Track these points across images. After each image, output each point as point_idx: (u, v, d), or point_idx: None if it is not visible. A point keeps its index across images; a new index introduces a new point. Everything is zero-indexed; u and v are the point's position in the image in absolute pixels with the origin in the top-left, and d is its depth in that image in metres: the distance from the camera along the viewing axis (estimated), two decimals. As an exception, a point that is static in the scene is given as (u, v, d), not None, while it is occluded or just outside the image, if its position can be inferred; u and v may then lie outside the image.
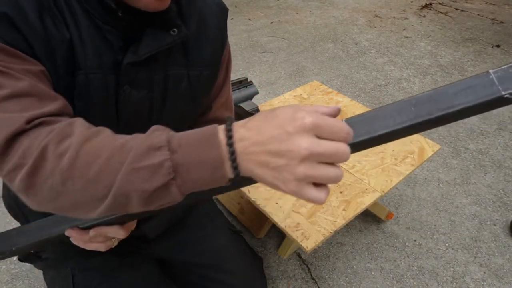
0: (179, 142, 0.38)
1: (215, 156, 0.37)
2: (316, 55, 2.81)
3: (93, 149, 0.39)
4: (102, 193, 0.39)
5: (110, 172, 0.38)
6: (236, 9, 3.64)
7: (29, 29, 0.45)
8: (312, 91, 1.48)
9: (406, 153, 1.17)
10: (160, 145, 0.37)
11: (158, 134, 0.39)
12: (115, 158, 0.38)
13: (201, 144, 0.37)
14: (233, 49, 2.86)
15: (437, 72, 2.58)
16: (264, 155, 0.35)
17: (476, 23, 3.30)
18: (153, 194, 0.38)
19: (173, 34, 0.54)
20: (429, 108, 0.37)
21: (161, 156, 0.37)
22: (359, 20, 3.39)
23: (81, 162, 0.39)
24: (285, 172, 0.34)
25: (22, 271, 1.32)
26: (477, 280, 1.30)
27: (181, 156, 0.37)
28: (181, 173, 0.37)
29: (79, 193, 0.39)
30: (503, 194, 1.64)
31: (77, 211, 0.42)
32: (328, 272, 1.33)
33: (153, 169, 0.37)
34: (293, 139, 0.34)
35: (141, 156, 0.37)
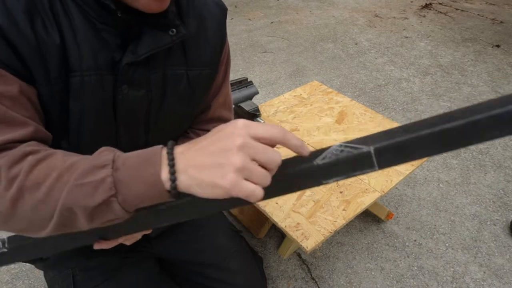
0: (123, 161, 0.40)
1: (154, 172, 0.39)
2: (316, 55, 2.81)
3: (43, 170, 0.40)
4: (50, 212, 0.40)
5: (58, 190, 0.39)
6: (236, 9, 3.64)
7: (20, 39, 0.45)
8: (312, 91, 1.48)
9: (406, 153, 1.17)
10: (104, 163, 0.39)
11: (105, 154, 0.41)
12: (63, 177, 0.39)
13: (143, 162, 0.39)
14: (233, 49, 2.86)
15: (437, 72, 2.58)
16: (201, 156, 0.38)
17: (476, 23, 3.30)
18: (96, 209, 0.39)
19: (172, 34, 0.54)
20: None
21: (103, 173, 0.39)
22: (359, 20, 3.39)
23: (31, 183, 0.40)
24: (221, 166, 0.36)
25: (22, 271, 1.32)
26: (477, 280, 1.30)
27: (122, 174, 0.39)
28: (122, 189, 0.39)
29: (29, 214, 0.40)
30: (503, 194, 1.64)
31: (27, 231, 0.43)
32: (328, 272, 1.33)
33: (95, 185, 0.38)
34: (226, 138, 0.37)
35: (86, 173, 0.39)
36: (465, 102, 2.27)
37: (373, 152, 0.37)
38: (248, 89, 1.21)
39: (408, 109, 2.21)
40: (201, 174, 0.37)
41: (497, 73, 2.57)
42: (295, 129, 1.26)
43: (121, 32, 0.52)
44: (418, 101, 2.29)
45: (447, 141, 0.35)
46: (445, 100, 2.29)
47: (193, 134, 0.75)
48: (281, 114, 1.34)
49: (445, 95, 2.34)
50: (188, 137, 0.74)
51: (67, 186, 0.39)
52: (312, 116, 1.33)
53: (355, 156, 0.37)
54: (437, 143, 0.36)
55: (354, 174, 0.39)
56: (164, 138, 0.70)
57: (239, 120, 0.39)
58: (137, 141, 0.63)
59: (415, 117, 2.14)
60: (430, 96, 2.33)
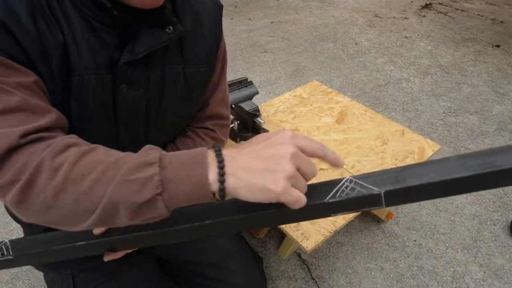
0: (170, 160, 0.40)
1: (201, 172, 0.39)
2: (316, 55, 2.81)
3: (88, 163, 0.41)
4: (92, 206, 0.40)
5: (102, 184, 0.39)
6: (236, 9, 3.64)
7: (23, 34, 0.45)
8: (312, 91, 1.48)
9: (406, 153, 1.17)
10: (152, 161, 0.39)
11: (151, 152, 0.41)
12: (109, 172, 0.40)
13: (190, 162, 0.40)
14: (233, 49, 2.86)
15: (437, 72, 2.58)
16: (253, 160, 0.38)
17: (476, 23, 3.30)
18: (140, 207, 0.39)
19: (169, 31, 0.54)
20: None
21: (151, 171, 0.39)
22: (359, 20, 3.39)
23: (76, 175, 0.40)
24: (274, 172, 0.37)
25: (22, 271, 1.32)
26: (477, 280, 1.30)
27: (170, 172, 0.39)
28: (168, 188, 0.39)
29: (71, 206, 0.40)
30: (503, 194, 1.64)
31: (65, 224, 0.43)
32: (328, 272, 1.33)
33: (143, 182, 0.39)
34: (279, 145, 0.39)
35: (133, 170, 0.39)
36: (465, 102, 2.27)
37: (383, 195, 0.39)
38: (248, 89, 1.21)
39: (408, 109, 2.21)
40: (253, 178, 0.38)
41: (497, 73, 2.57)
42: (295, 129, 1.26)
43: (118, 32, 0.52)
44: (418, 101, 2.28)
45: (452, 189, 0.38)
46: (445, 100, 2.29)
47: (191, 132, 0.75)
48: (281, 114, 1.34)
49: (445, 95, 2.34)
50: (186, 136, 0.74)
51: (114, 182, 0.39)
52: (312, 116, 1.33)
53: (365, 197, 0.39)
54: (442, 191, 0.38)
55: (361, 210, 0.41)
56: (164, 137, 0.70)
57: (286, 130, 0.41)
58: (136, 141, 0.63)
59: (415, 117, 2.14)
60: (430, 96, 2.33)
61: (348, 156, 1.15)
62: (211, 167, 0.39)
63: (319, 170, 1.09)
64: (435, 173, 0.38)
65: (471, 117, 2.14)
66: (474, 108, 2.22)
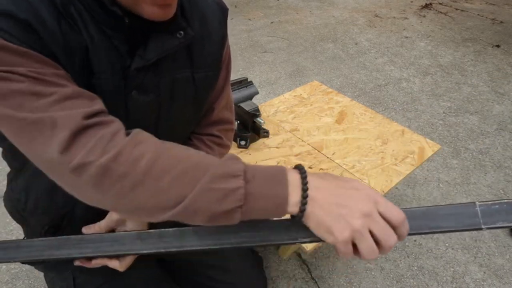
0: (253, 173, 0.41)
1: (282, 193, 0.41)
2: (316, 55, 2.81)
3: (169, 160, 0.41)
4: (169, 204, 0.40)
5: (183, 185, 0.40)
6: (236, 9, 3.64)
7: (49, 35, 0.45)
8: (312, 91, 1.48)
9: (406, 153, 1.17)
10: (237, 173, 0.40)
11: (236, 163, 0.42)
12: (190, 174, 0.40)
13: (272, 179, 0.42)
14: (233, 49, 2.86)
15: (437, 72, 2.58)
16: (333, 199, 0.41)
17: (476, 23, 3.30)
18: (219, 215, 0.40)
19: (180, 37, 0.54)
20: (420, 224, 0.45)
21: (237, 183, 0.40)
22: (359, 20, 3.39)
23: (156, 170, 0.40)
24: (344, 220, 0.40)
25: (22, 271, 1.32)
26: (477, 280, 1.30)
27: (253, 187, 0.40)
28: (249, 202, 0.40)
29: (146, 199, 0.41)
30: (503, 194, 1.64)
31: (135, 215, 0.44)
32: (328, 272, 1.33)
33: (226, 193, 0.40)
34: (360, 200, 0.41)
35: (219, 178, 0.40)
36: (465, 102, 2.27)
37: None
38: (248, 89, 1.21)
39: (408, 109, 2.21)
40: (326, 216, 0.41)
41: (497, 73, 2.57)
42: (295, 129, 1.26)
43: (129, 38, 0.51)
44: (418, 101, 2.29)
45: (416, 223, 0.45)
46: (445, 100, 2.29)
47: (197, 141, 0.74)
48: (281, 114, 1.34)
49: (445, 95, 2.34)
50: (192, 145, 0.73)
51: (198, 186, 0.40)
52: (312, 116, 1.33)
53: None
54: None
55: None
56: (172, 140, 0.70)
57: (373, 191, 0.43)
58: None
59: (415, 117, 2.14)
60: (430, 96, 2.33)
61: (348, 156, 1.15)
62: (295, 189, 0.41)
63: (319, 170, 1.09)
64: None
65: (471, 117, 2.14)
66: (474, 108, 2.22)
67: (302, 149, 1.18)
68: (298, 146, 1.19)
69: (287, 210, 0.41)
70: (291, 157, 1.14)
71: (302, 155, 1.15)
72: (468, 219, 0.44)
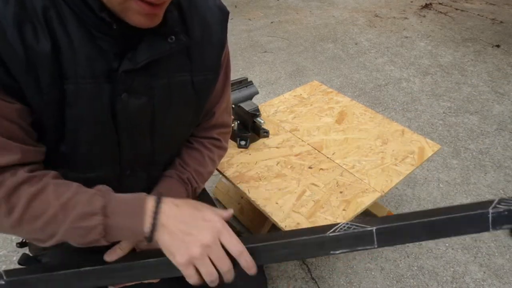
0: (112, 209, 0.49)
1: (136, 224, 0.49)
2: (316, 55, 2.81)
3: (39, 206, 0.48)
4: (46, 238, 0.50)
5: (54, 225, 0.48)
6: (236, 9, 3.64)
7: (7, 49, 0.44)
8: (312, 91, 1.48)
9: (406, 153, 1.17)
10: (95, 211, 0.48)
11: (97, 199, 0.49)
12: (58, 217, 0.48)
13: (130, 213, 0.50)
14: (233, 49, 2.86)
15: (437, 72, 2.58)
16: (177, 230, 0.48)
17: (476, 23, 3.30)
18: (87, 243, 0.50)
19: (171, 41, 0.53)
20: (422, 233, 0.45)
21: (96, 221, 0.48)
22: (359, 20, 3.39)
23: (29, 216, 0.48)
24: (185, 247, 0.47)
25: (22, 271, 1.32)
26: (477, 280, 1.30)
27: (112, 221, 0.49)
28: (110, 232, 0.49)
29: (25, 235, 0.52)
30: (503, 194, 1.64)
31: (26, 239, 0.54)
32: (328, 272, 1.33)
33: (88, 230, 0.48)
34: (204, 230, 0.47)
35: (79, 218, 0.48)
36: (465, 102, 2.27)
37: (375, 231, 0.45)
38: (248, 89, 1.21)
39: (408, 109, 2.21)
40: (171, 241, 0.48)
41: (497, 73, 2.57)
42: (295, 129, 1.26)
43: (118, 41, 0.51)
44: (418, 101, 2.29)
45: (431, 231, 0.44)
46: (445, 100, 2.30)
47: (198, 144, 0.75)
48: (281, 114, 1.34)
49: (445, 95, 2.34)
50: (193, 148, 0.74)
51: (64, 226, 0.48)
52: (312, 116, 1.33)
53: (360, 233, 0.45)
54: (424, 231, 0.44)
55: (357, 249, 0.47)
56: (170, 148, 0.70)
57: (220, 222, 0.49)
58: (141, 149, 0.63)
59: (415, 117, 2.14)
60: (430, 96, 2.33)
61: (348, 156, 1.15)
62: (148, 219, 0.49)
63: (319, 170, 1.09)
64: (415, 216, 0.44)
65: (471, 117, 2.14)
66: (474, 108, 2.22)
67: (302, 149, 1.18)
68: (298, 146, 1.19)
69: (143, 236, 0.49)
70: (291, 157, 1.14)
71: (302, 155, 1.15)
72: (479, 225, 0.43)
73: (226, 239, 0.48)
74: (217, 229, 0.48)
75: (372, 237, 0.45)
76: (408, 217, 0.45)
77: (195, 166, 0.73)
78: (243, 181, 1.06)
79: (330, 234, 0.46)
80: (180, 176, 0.71)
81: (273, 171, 1.09)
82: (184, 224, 0.48)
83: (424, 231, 0.44)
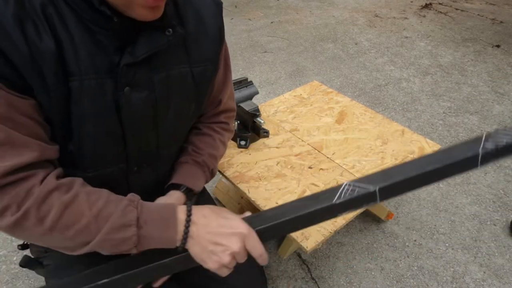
0: (145, 219, 0.52)
1: (169, 235, 0.52)
2: (316, 55, 2.81)
3: (71, 215, 0.49)
4: (76, 245, 0.50)
5: (87, 235, 0.49)
6: (236, 9, 3.64)
7: (11, 47, 0.43)
8: (312, 91, 1.48)
9: (406, 153, 1.17)
10: (131, 223, 0.50)
11: (131, 211, 0.51)
12: (91, 227, 0.49)
13: (162, 224, 0.52)
14: (233, 49, 2.86)
15: (437, 72, 2.58)
16: (207, 242, 0.53)
17: (476, 23, 3.30)
18: (119, 252, 0.52)
19: (168, 34, 0.54)
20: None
21: (130, 232, 0.50)
22: (359, 20, 3.39)
23: (61, 225, 0.48)
24: (217, 257, 0.53)
25: (22, 271, 1.32)
26: (477, 280, 1.30)
27: (145, 232, 0.51)
28: (142, 242, 0.52)
29: (55, 245, 0.51)
30: (503, 194, 1.64)
31: (52, 248, 0.53)
32: (328, 272, 1.33)
33: (122, 240, 0.50)
34: (232, 239, 0.52)
35: (115, 230, 0.49)
36: (465, 102, 2.27)
37: (378, 191, 0.48)
38: (248, 89, 1.21)
39: (408, 109, 2.21)
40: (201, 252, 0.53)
41: (497, 73, 2.57)
42: (295, 129, 1.26)
43: (117, 35, 0.51)
44: (418, 101, 2.29)
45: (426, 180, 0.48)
46: (445, 100, 2.30)
47: (208, 129, 0.78)
48: (281, 114, 1.34)
49: (445, 95, 2.34)
50: (204, 134, 0.77)
51: (98, 237, 0.49)
52: (312, 116, 1.33)
53: (364, 194, 0.48)
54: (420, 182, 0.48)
55: (361, 207, 0.51)
56: (174, 140, 0.71)
57: (246, 228, 0.53)
58: (146, 144, 0.64)
59: (415, 117, 2.14)
60: (430, 96, 2.33)
61: (348, 156, 1.15)
62: (179, 231, 0.52)
63: (319, 170, 1.09)
64: (411, 170, 0.48)
65: (471, 117, 2.14)
66: (474, 108, 2.22)
67: (302, 149, 1.18)
68: (298, 146, 1.19)
69: (174, 245, 0.53)
70: (291, 157, 1.14)
71: (302, 155, 1.15)
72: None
73: (250, 245, 0.53)
74: (243, 236, 0.52)
75: (375, 195, 0.48)
76: (406, 170, 0.48)
77: (208, 150, 0.76)
78: (243, 181, 1.06)
79: (337, 201, 0.48)
80: (195, 160, 0.73)
81: (273, 171, 1.09)
82: (213, 235, 0.52)
83: (421, 182, 0.48)
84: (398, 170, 0.49)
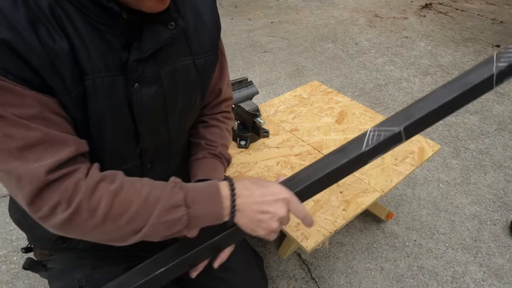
0: (192, 199, 0.53)
1: (217, 211, 0.54)
2: (316, 55, 2.81)
3: (121, 203, 0.50)
4: (129, 234, 0.51)
5: (139, 221, 0.50)
6: (236, 9, 3.64)
7: (28, 50, 0.44)
8: (312, 91, 1.48)
9: (406, 153, 1.17)
10: (179, 203, 0.51)
11: (178, 192, 0.52)
12: (141, 212, 0.50)
13: (209, 201, 0.54)
14: (233, 49, 2.86)
15: (437, 72, 2.58)
16: (254, 212, 0.55)
17: (476, 23, 3.30)
18: (171, 235, 0.53)
19: (171, 27, 0.55)
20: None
21: (180, 212, 0.51)
22: (359, 20, 3.39)
23: (113, 214, 0.49)
24: (265, 224, 0.55)
25: (22, 271, 1.32)
26: (477, 280, 1.30)
27: (194, 211, 0.53)
28: (192, 222, 0.53)
29: (108, 235, 0.51)
30: (503, 194, 1.64)
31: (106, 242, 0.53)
32: (328, 272, 1.33)
33: (174, 222, 0.51)
34: (277, 205, 0.55)
35: (165, 212, 0.51)
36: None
37: (403, 131, 0.50)
38: (248, 89, 1.21)
39: (408, 109, 2.21)
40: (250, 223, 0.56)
41: (497, 73, 2.57)
42: (295, 129, 1.26)
43: (122, 32, 0.52)
44: (418, 101, 2.28)
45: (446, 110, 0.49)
46: (445, 100, 2.29)
47: (214, 120, 0.80)
48: (281, 114, 1.34)
49: (445, 95, 2.34)
50: (211, 125, 0.79)
51: (149, 222, 0.50)
52: (312, 116, 1.33)
53: (390, 137, 0.50)
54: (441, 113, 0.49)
55: (388, 150, 0.52)
56: (183, 132, 0.73)
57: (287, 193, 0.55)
58: (159, 139, 0.65)
59: (415, 117, 2.14)
60: (430, 96, 2.33)
61: (348, 156, 1.15)
62: (226, 206, 0.54)
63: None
64: (431, 103, 0.49)
65: (471, 117, 2.14)
66: (474, 108, 2.22)
67: (302, 149, 1.18)
68: (298, 146, 1.19)
69: (222, 221, 0.55)
70: (291, 157, 1.14)
71: (302, 155, 1.15)
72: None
73: (293, 207, 0.56)
74: (286, 200, 0.55)
75: (401, 135, 0.50)
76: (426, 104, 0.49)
77: (221, 141, 0.78)
78: (243, 181, 1.06)
79: (366, 149, 0.50)
80: (212, 153, 0.75)
81: (273, 171, 1.09)
82: (258, 204, 0.54)
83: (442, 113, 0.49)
84: (418, 107, 0.50)
